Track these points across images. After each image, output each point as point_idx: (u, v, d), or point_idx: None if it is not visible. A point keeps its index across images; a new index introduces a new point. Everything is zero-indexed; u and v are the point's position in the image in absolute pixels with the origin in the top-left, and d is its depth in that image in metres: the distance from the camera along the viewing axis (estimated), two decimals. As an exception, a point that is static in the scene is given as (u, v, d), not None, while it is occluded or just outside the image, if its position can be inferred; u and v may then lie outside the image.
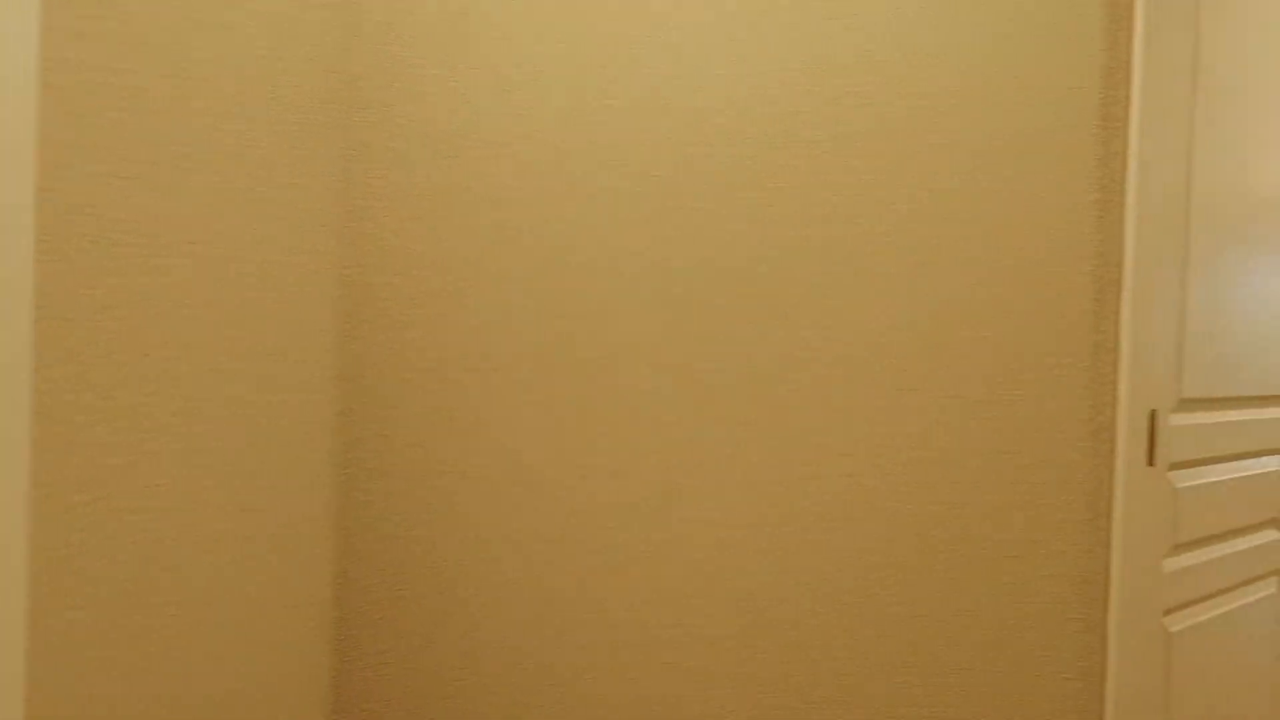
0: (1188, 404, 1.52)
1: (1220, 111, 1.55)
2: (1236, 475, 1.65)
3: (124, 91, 1.34)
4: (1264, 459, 1.74)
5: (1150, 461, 1.41)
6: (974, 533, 1.30)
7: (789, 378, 1.36)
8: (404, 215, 1.56)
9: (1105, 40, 1.30)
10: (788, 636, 1.38)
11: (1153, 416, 1.41)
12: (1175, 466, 1.50)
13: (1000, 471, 1.30)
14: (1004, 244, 1.29)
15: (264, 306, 1.51)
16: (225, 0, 1.46)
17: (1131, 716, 1.41)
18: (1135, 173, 1.35)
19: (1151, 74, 1.37)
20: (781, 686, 1.39)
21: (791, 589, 1.37)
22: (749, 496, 1.39)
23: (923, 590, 1.32)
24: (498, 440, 1.51)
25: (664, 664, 1.45)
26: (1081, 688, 1.32)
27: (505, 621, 1.52)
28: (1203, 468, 1.58)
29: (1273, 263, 1.72)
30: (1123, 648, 1.38)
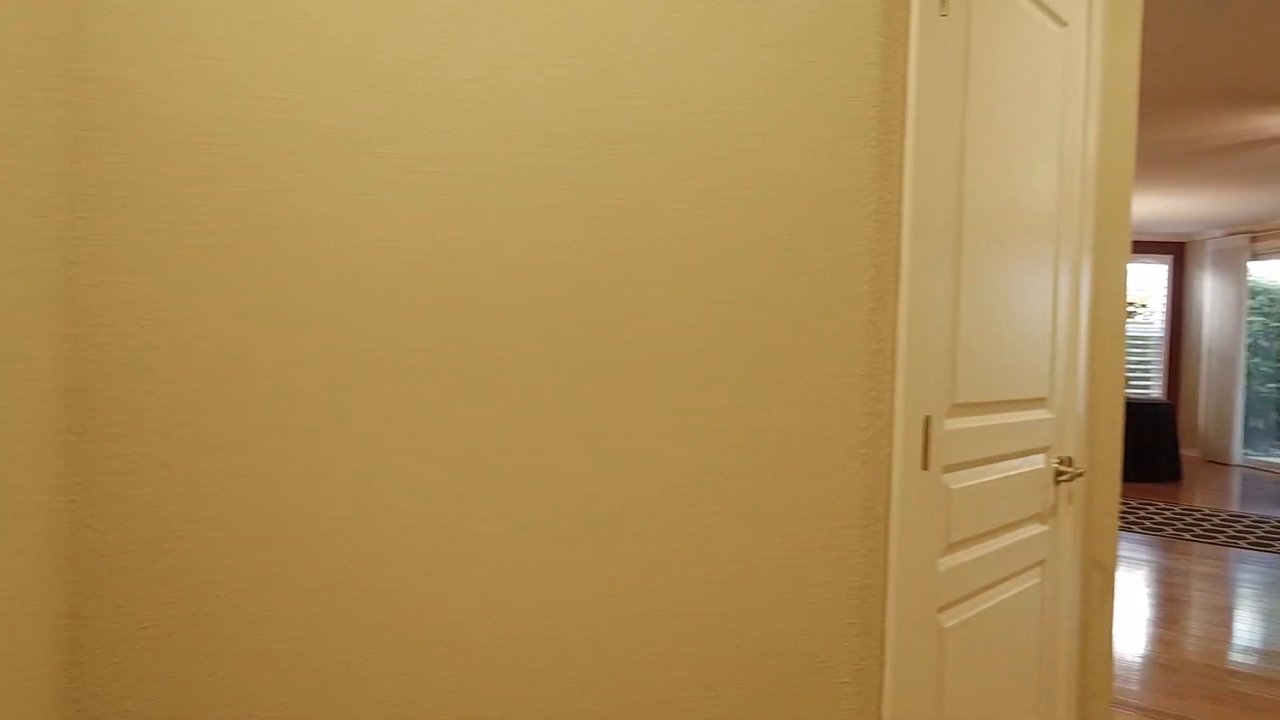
0: (960, 409, 1.59)
1: (988, 129, 1.62)
2: (1005, 474, 1.75)
3: None
4: (1030, 458, 1.86)
5: (925, 466, 1.46)
6: (755, 542, 1.30)
7: (563, 387, 1.30)
8: (139, 209, 1.38)
9: (882, 54, 1.33)
10: (571, 648, 1.33)
11: (927, 422, 1.46)
12: (949, 469, 1.56)
13: (780, 481, 1.30)
14: (784, 252, 1.29)
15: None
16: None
17: (907, 713, 1.45)
18: (911, 185, 1.39)
19: (926, 88, 1.41)
20: (566, 694, 1.33)
21: (569, 600, 1.32)
22: (527, 506, 1.33)
23: (702, 602, 1.30)
24: (254, 453, 1.37)
25: (438, 684, 1.36)
26: (858, 689, 1.34)
27: (254, 661, 1.38)
28: (974, 468, 1.65)
29: (1034, 271, 1.83)
30: (899, 648, 1.42)
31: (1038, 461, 1.89)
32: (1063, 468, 1.96)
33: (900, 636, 1.42)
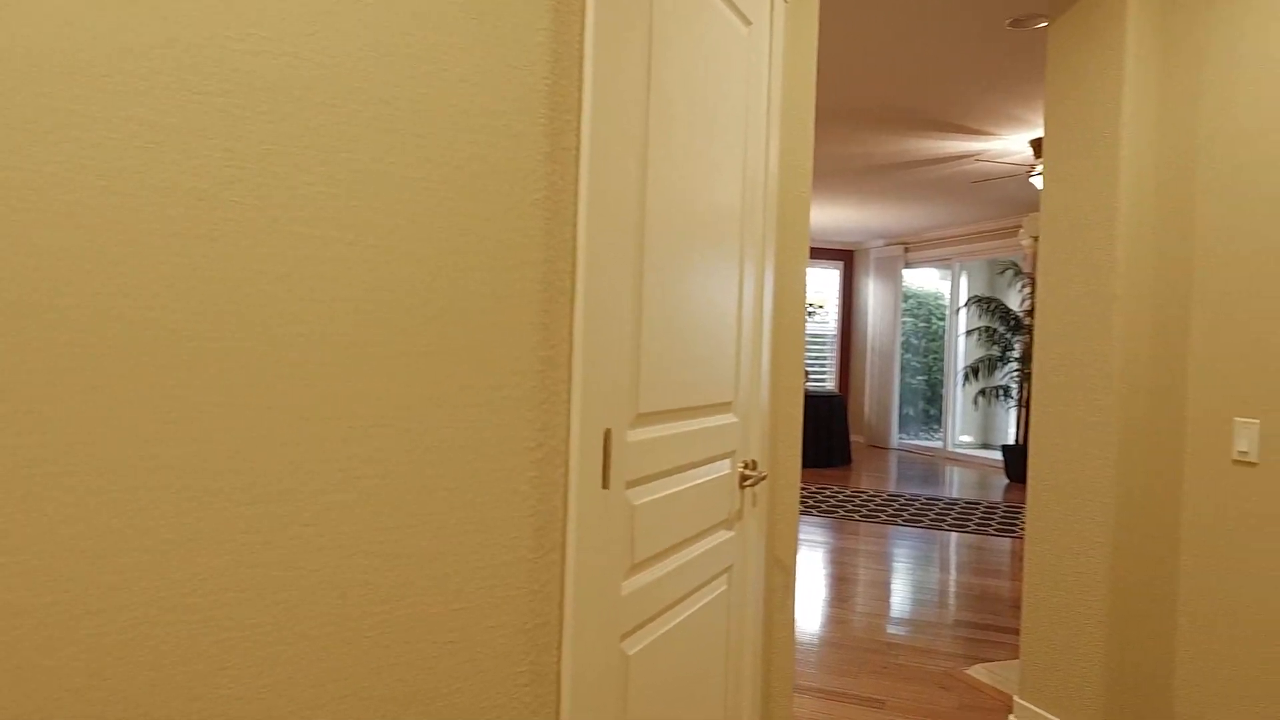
0: (645, 418, 1.48)
1: (674, 121, 1.53)
2: (692, 484, 1.67)
3: None
4: (718, 464, 1.81)
5: (605, 484, 1.33)
6: (408, 588, 1.08)
7: (164, 406, 1.00)
8: None
9: (553, 20, 1.16)
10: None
11: (608, 436, 1.33)
12: (633, 484, 1.44)
13: (437, 514, 1.09)
14: (434, 241, 1.07)
15: None
16: None
17: (587, 758, 1.31)
18: (589, 171, 1.24)
19: (605, 66, 1.27)
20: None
21: (196, 662, 1.01)
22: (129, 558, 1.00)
23: (346, 661, 1.06)
24: None
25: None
26: (529, 748, 1.17)
27: None
28: (661, 480, 1.56)
29: (720, 273, 1.79)
30: (577, 689, 1.27)
31: (724, 467, 1.85)
32: (748, 472, 1.94)
33: (579, 676, 1.28)
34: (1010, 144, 6.17)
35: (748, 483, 1.92)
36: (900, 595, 4.45)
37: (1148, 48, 2.64)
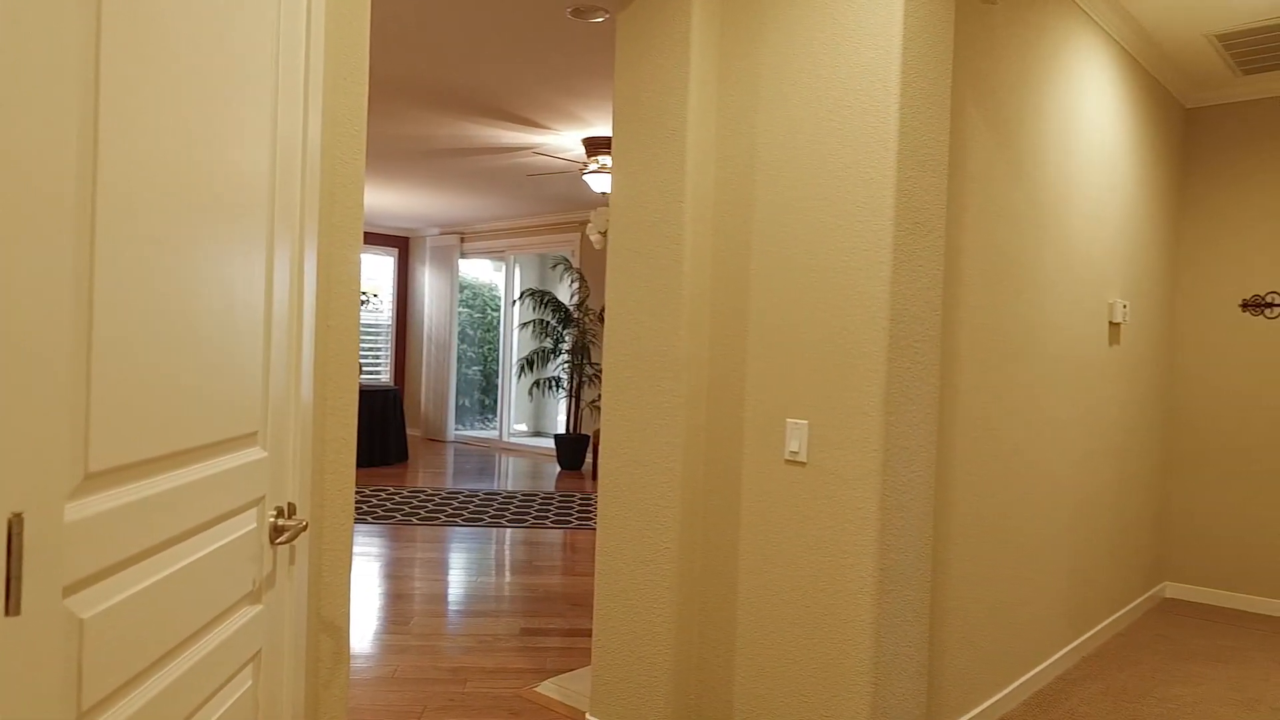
0: (103, 479, 0.94)
1: (161, 70, 1.00)
2: (195, 556, 1.16)
3: None
4: (236, 520, 1.30)
5: (10, 607, 0.78)
6: None
7: None
8: None
9: None
10: None
11: (14, 524, 0.78)
12: (81, 586, 0.91)
13: None
14: None
15: None
16: None
17: None
18: None
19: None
20: None
21: None
22: None
23: None
24: None
25: None
26: None
27: None
28: (139, 565, 1.03)
29: (242, 257, 1.29)
30: None
31: (248, 522, 1.35)
32: (283, 522, 1.46)
33: None
34: (565, 140, 6.24)
35: (283, 538, 1.44)
36: (463, 610, 4.18)
37: (712, 40, 2.64)
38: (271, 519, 1.44)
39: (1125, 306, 4.03)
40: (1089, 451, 3.77)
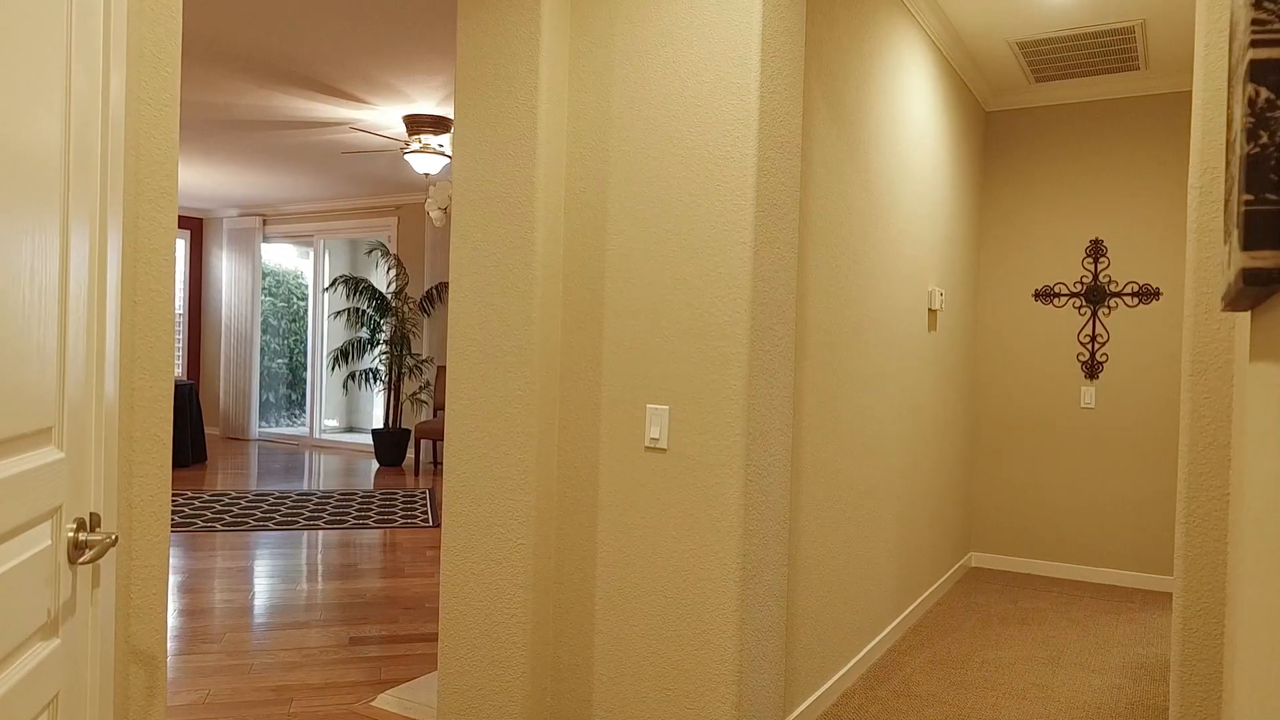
0: None
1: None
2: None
3: None
4: (21, 539, 1.05)
5: None
6: None
7: None
8: None
9: None
10: None
11: None
12: None
13: None
14: None
15: None
16: None
17: None
18: None
19: None
20: None
21: None
22: None
23: None
24: None
25: None
26: None
27: None
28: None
29: (31, 233, 1.03)
30: None
31: (39, 539, 1.09)
32: (86, 536, 1.20)
33: None
34: (385, 116, 5.88)
35: (86, 556, 1.19)
36: (281, 622, 3.83)
37: (564, 12, 2.50)
38: (70, 533, 1.18)
39: (942, 294, 4.27)
40: (913, 432, 3.96)
